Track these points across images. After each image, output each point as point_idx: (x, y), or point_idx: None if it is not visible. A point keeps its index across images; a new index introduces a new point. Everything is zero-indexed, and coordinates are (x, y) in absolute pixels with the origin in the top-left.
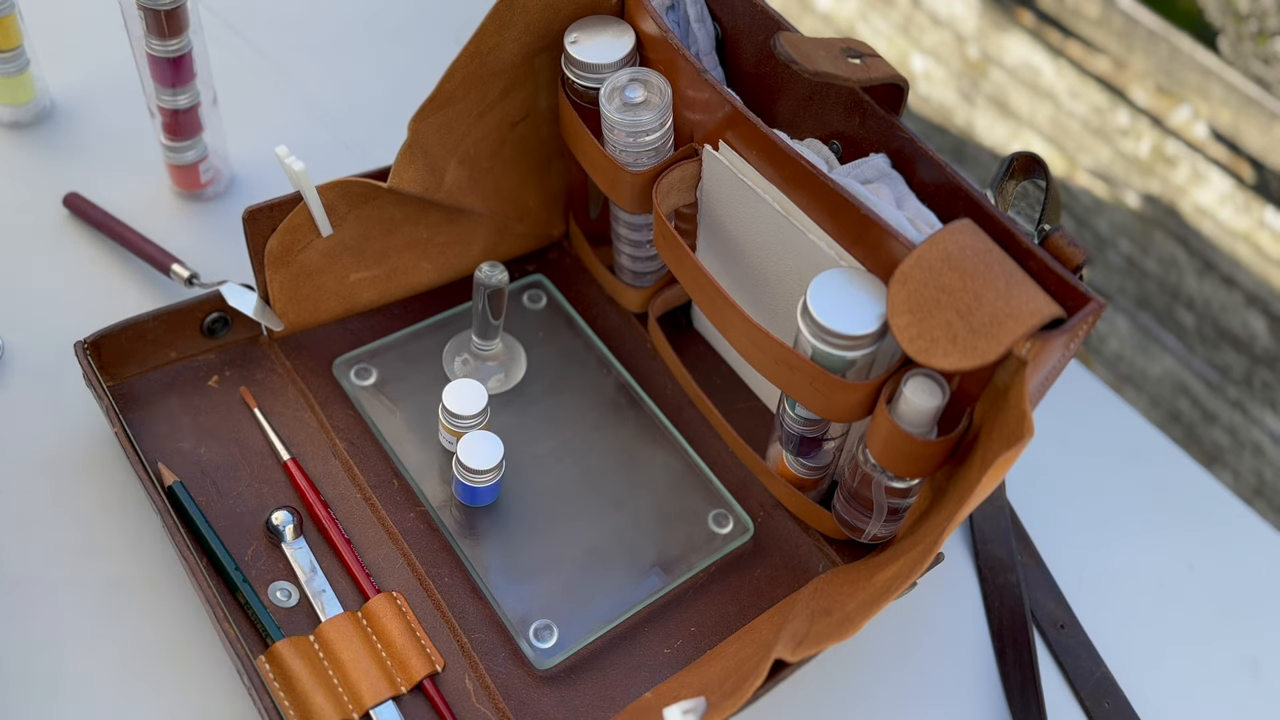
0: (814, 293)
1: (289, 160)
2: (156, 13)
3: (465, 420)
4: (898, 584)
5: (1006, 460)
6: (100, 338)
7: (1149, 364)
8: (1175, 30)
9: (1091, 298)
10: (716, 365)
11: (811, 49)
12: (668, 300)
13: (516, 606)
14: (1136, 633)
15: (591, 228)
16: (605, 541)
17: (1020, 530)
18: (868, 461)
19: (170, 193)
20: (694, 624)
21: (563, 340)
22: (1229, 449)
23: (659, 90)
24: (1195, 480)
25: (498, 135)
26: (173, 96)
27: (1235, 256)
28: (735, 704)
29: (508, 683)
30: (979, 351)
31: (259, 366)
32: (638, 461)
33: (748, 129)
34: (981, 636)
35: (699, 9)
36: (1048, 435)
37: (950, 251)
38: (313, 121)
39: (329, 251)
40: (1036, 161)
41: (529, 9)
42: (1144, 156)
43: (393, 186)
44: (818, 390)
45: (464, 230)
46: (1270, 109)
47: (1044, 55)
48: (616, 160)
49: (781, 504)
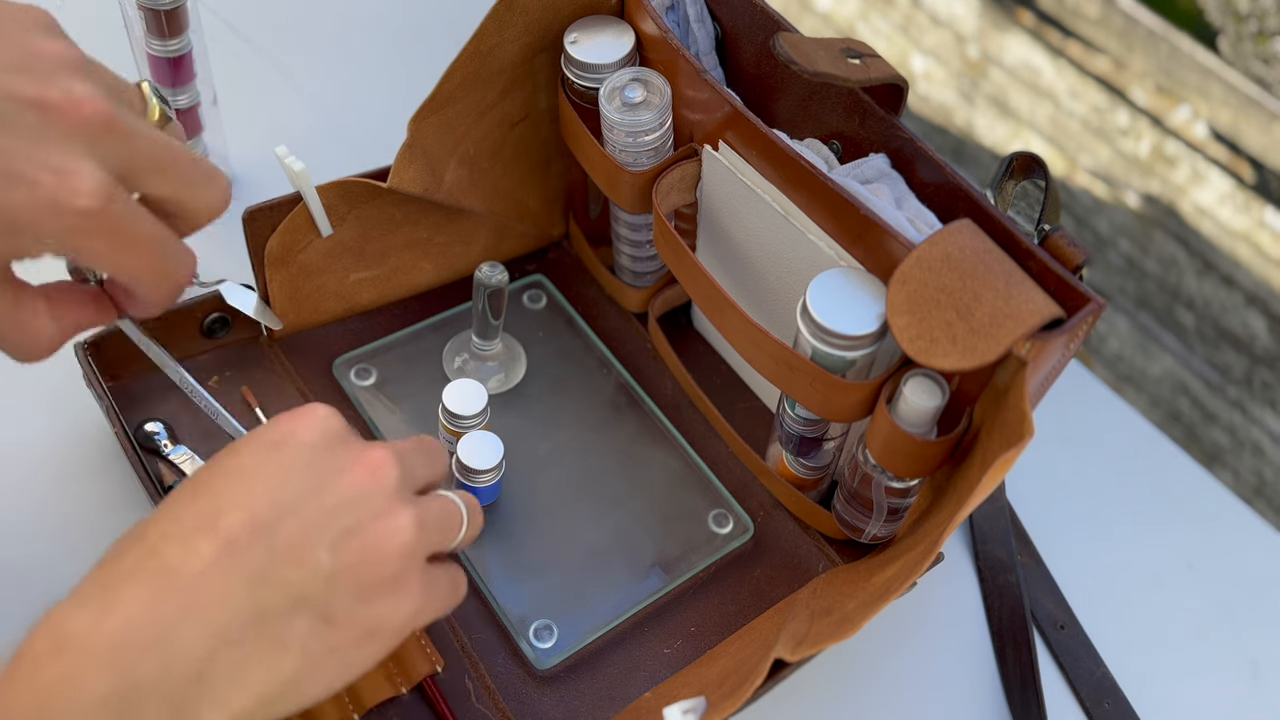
0: (814, 293)
1: (289, 160)
2: (156, 13)
3: (465, 420)
4: (898, 584)
5: (1007, 460)
6: (100, 338)
7: (1149, 364)
8: (1175, 30)
9: (1091, 298)
10: (716, 365)
11: (811, 49)
12: (668, 300)
13: (516, 606)
14: (1136, 633)
15: (591, 228)
16: (605, 541)
17: (1020, 530)
18: (868, 461)
19: None
20: (694, 624)
21: (563, 340)
22: (1229, 449)
23: (659, 90)
24: (1195, 480)
25: (498, 135)
26: (173, 96)
27: (1235, 256)
28: (735, 704)
29: (508, 683)
30: (979, 352)
31: (259, 366)
32: (638, 461)
33: (747, 129)
34: (981, 636)
35: (699, 9)
36: (1048, 435)
37: (950, 251)
38: (313, 121)
39: (329, 251)
40: (1036, 161)
41: (529, 9)
42: (1144, 156)
43: (393, 186)
44: (818, 390)
45: (464, 230)
46: (1270, 109)
47: (1044, 55)
48: (616, 160)
49: (781, 504)
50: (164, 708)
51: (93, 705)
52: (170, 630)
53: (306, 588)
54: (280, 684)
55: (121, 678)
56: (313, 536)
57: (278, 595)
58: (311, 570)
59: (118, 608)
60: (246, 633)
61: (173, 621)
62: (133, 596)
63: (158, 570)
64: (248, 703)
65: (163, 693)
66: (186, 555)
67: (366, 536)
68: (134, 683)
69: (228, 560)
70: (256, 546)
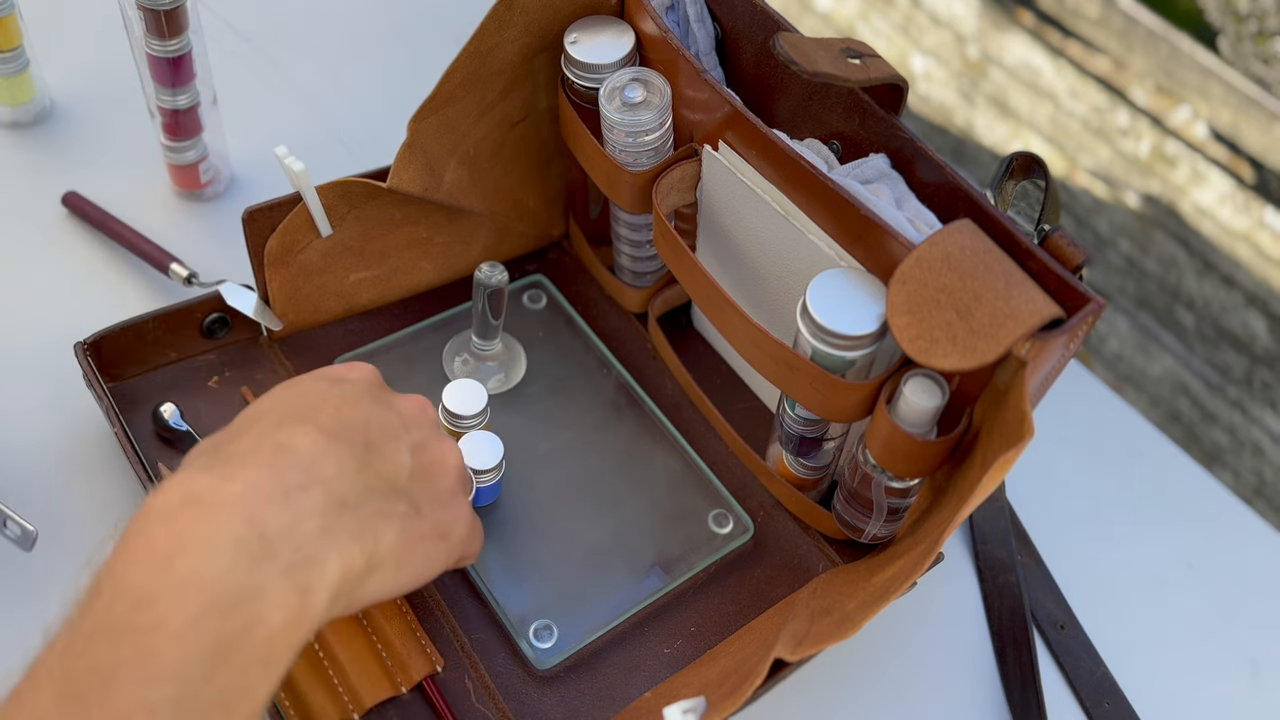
0: (814, 293)
1: (289, 160)
2: (156, 13)
3: (465, 420)
4: (898, 584)
5: (1007, 461)
6: (100, 338)
7: (1149, 364)
8: (1175, 30)
9: (1091, 298)
10: (716, 365)
11: (811, 49)
12: (668, 300)
13: (516, 606)
14: (1136, 633)
15: (591, 228)
16: (605, 541)
17: (1020, 530)
18: (868, 462)
19: (170, 193)
20: (694, 624)
21: (563, 340)
22: (1229, 449)
23: (659, 90)
24: (1195, 480)
25: (498, 135)
26: (173, 96)
27: (1235, 256)
28: (735, 704)
29: (508, 683)
30: (979, 352)
31: (259, 367)
32: (638, 461)
33: (747, 129)
34: (981, 636)
35: (699, 9)
36: (1048, 435)
37: (950, 252)
38: (313, 121)
39: (329, 251)
40: (1036, 161)
41: (529, 9)
42: (1144, 156)
43: (393, 186)
44: (817, 390)
45: (464, 230)
46: (1270, 109)
47: (1044, 55)
48: (616, 160)
49: (781, 504)
50: (294, 556)
51: (227, 546)
52: (295, 492)
53: (397, 479)
54: (385, 553)
55: (254, 526)
56: (394, 440)
57: (378, 480)
58: (397, 466)
59: (243, 473)
60: (361, 500)
61: (296, 485)
62: (256, 465)
63: (273, 449)
64: (360, 561)
65: (293, 542)
66: (297, 438)
67: (432, 451)
68: (265, 531)
69: (334, 444)
70: (354, 437)
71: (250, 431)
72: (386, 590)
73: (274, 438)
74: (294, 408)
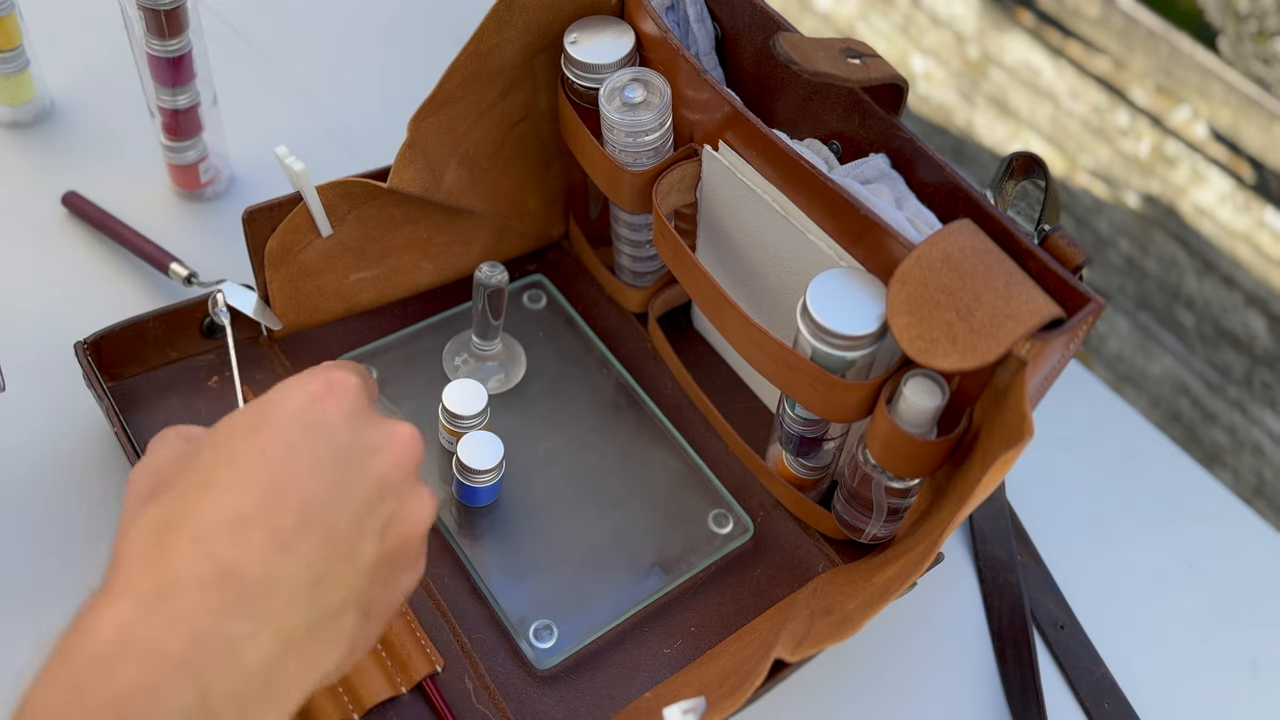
0: (814, 293)
1: (289, 160)
2: (156, 13)
3: (465, 420)
4: (898, 584)
5: (1007, 461)
6: (100, 338)
7: (1149, 364)
8: (1175, 30)
9: (1091, 298)
10: (716, 365)
11: (811, 49)
12: (668, 300)
13: (516, 606)
14: (1136, 633)
15: (591, 228)
16: (605, 541)
17: (1020, 530)
18: (868, 462)
19: (170, 192)
20: (694, 624)
21: (563, 340)
22: (1229, 449)
23: (659, 90)
24: (1195, 480)
25: (498, 135)
26: (173, 96)
27: (1235, 256)
28: (735, 704)
29: (508, 683)
30: (979, 352)
31: (259, 366)
32: (638, 461)
33: (747, 129)
34: (981, 636)
35: (699, 9)
36: (1048, 435)
37: (950, 252)
38: (313, 121)
39: (329, 251)
40: (1036, 161)
41: (529, 9)
42: (1144, 156)
43: (393, 186)
44: (817, 390)
45: (464, 230)
46: (1270, 109)
47: (1044, 55)
48: (616, 160)
49: (781, 504)
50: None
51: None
52: (241, 643)
53: (355, 582)
54: (327, 677)
55: (199, 690)
56: (362, 528)
57: (333, 593)
58: (359, 564)
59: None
60: (310, 635)
61: (242, 635)
62: (198, 604)
63: (217, 573)
64: (300, 698)
65: (237, 702)
66: (244, 552)
67: (403, 524)
68: (209, 694)
69: (286, 558)
70: (311, 540)
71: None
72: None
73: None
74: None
